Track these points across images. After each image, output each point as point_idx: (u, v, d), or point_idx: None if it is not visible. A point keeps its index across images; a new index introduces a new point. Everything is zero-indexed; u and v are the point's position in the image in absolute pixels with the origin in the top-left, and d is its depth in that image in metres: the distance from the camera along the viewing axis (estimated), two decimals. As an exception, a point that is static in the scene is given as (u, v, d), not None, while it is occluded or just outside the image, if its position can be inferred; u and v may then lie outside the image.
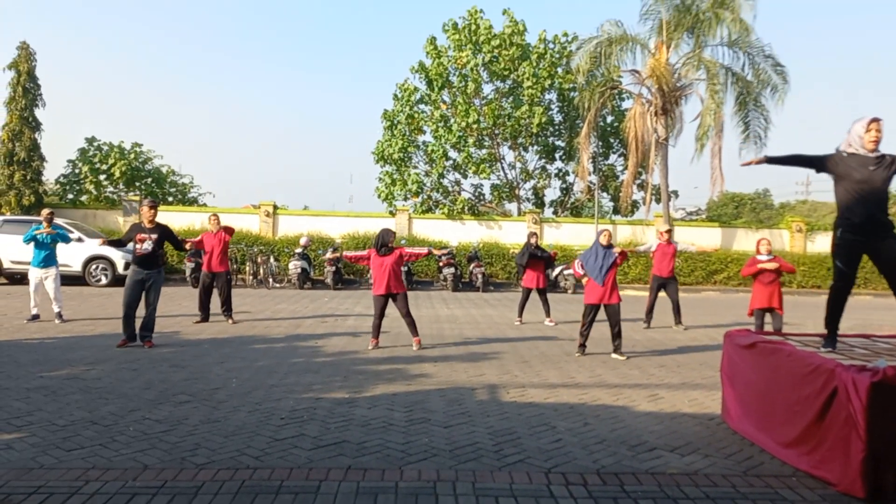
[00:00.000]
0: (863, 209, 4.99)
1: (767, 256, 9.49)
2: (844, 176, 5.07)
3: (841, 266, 5.16)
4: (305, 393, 6.37)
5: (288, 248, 20.76)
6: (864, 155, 5.02)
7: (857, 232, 5.04)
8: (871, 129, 5.01)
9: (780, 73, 22.46)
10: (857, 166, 5.01)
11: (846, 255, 5.13)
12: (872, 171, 4.96)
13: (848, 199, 5.07)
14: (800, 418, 4.63)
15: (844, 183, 5.08)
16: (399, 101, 26.86)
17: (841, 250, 5.15)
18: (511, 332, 11.01)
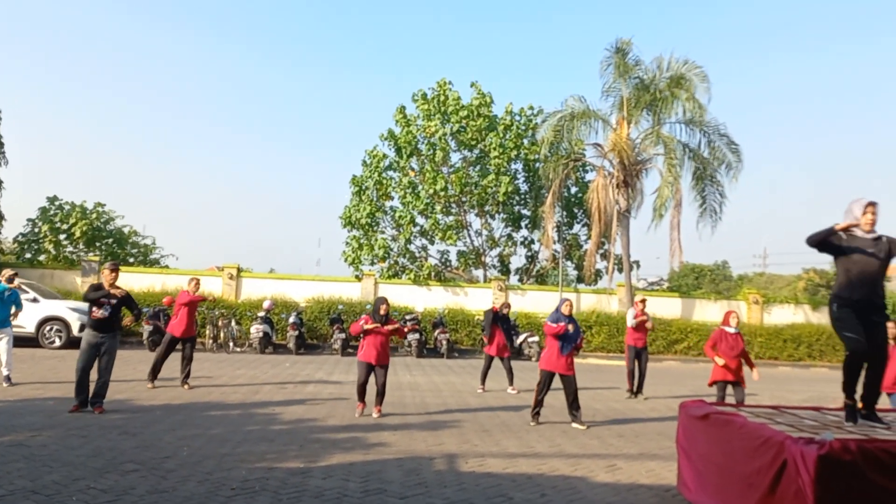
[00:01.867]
0: (860, 289, 5.19)
1: (735, 329, 9.63)
2: (844, 256, 5.29)
3: (851, 335, 5.23)
4: (259, 462, 6.23)
5: (250, 312, 20.52)
6: (862, 236, 5.26)
7: (854, 308, 5.22)
8: (867, 211, 5.28)
9: (734, 151, 23.37)
10: (857, 247, 5.23)
11: (851, 324, 5.23)
12: (871, 253, 5.19)
13: (846, 278, 5.27)
14: (753, 491, 4.66)
15: (844, 262, 5.29)
16: (368, 167, 27.19)
17: (844, 322, 5.27)
18: (473, 401, 10.95)
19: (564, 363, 8.78)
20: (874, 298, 5.22)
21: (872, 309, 5.23)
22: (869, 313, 5.22)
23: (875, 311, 5.25)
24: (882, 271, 5.26)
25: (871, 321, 5.24)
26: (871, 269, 5.19)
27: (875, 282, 5.21)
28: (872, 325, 5.25)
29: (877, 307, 5.25)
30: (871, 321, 5.24)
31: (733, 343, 9.47)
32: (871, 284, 5.19)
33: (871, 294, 5.21)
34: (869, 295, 5.20)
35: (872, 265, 5.19)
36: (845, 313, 5.26)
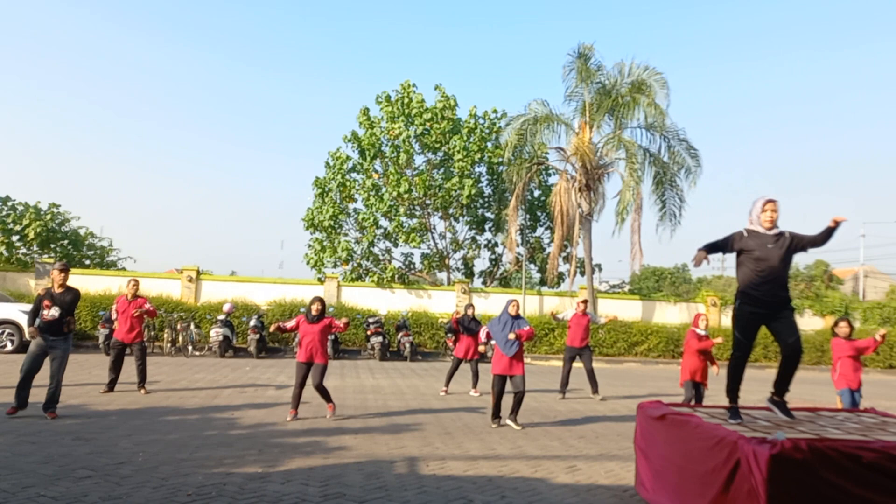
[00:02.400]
0: (762, 284, 5.32)
1: (704, 332, 9.83)
2: (745, 253, 5.42)
3: (739, 336, 5.48)
4: (216, 467, 6.14)
5: (210, 315, 20.20)
6: (763, 233, 5.39)
7: (756, 305, 5.36)
8: (766, 209, 5.41)
9: (693, 156, 23.81)
10: (758, 244, 5.36)
11: (744, 326, 5.46)
12: (770, 249, 5.32)
13: (749, 275, 5.41)
14: (708, 490, 4.74)
15: (745, 259, 5.44)
16: (331, 168, 27.02)
17: (740, 321, 5.48)
18: (436, 403, 10.95)
19: (511, 364, 8.83)
20: (779, 293, 5.35)
21: (779, 304, 5.37)
22: (777, 309, 5.36)
23: (782, 306, 5.38)
24: (784, 267, 5.38)
25: (780, 316, 5.37)
26: (773, 265, 5.31)
27: (778, 277, 5.34)
28: (783, 320, 5.38)
29: (783, 301, 5.39)
30: (781, 316, 5.37)
31: (703, 345, 9.68)
32: (774, 280, 5.32)
33: (775, 289, 5.34)
34: (774, 290, 5.33)
35: (774, 261, 5.31)
36: (744, 312, 5.41)
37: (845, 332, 8.87)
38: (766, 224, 5.40)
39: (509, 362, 8.84)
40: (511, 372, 8.85)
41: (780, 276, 5.37)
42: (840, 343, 8.88)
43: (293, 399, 8.93)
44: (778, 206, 5.42)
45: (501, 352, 8.88)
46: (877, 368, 23.44)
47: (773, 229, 5.42)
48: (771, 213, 5.40)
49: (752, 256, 5.39)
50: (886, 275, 50.05)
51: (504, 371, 8.86)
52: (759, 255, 5.35)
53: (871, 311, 27.30)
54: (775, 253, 5.32)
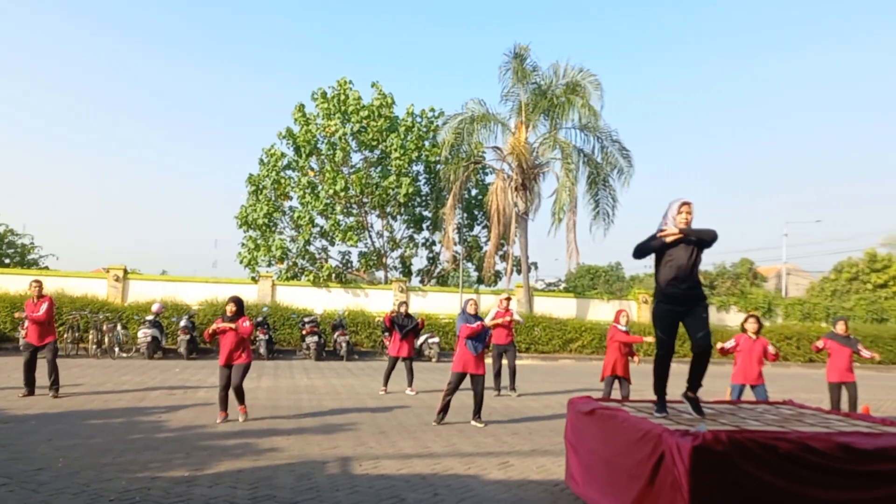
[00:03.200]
0: (677, 282, 5.49)
1: (625, 328, 10.06)
2: (661, 252, 5.59)
3: (661, 335, 5.64)
4: (141, 472, 5.95)
5: (138, 316, 19.56)
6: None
7: (672, 302, 5.53)
8: (682, 211, 5.58)
9: (626, 156, 24.40)
10: (673, 244, 5.52)
11: (665, 324, 5.63)
12: (682, 248, 5.50)
13: (665, 273, 5.58)
14: (635, 482, 4.84)
15: (663, 260, 5.60)
16: (265, 165, 26.56)
17: (660, 320, 5.65)
18: (371, 403, 10.89)
19: (476, 362, 8.87)
20: (693, 290, 5.55)
21: (695, 301, 5.57)
22: (693, 305, 5.56)
23: (697, 303, 5.58)
24: (695, 265, 5.57)
25: (693, 313, 5.57)
26: (688, 263, 5.50)
27: (693, 275, 5.54)
28: (696, 315, 5.58)
29: (697, 298, 5.59)
30: (694, 313, 5.57)
31: (624, 340, 9.91)
32: (689, 278, 5.52)
33: (691, 287, 5.53)
34: (690, 288, 5.53)
35: (689, 260, 5.50)
36: (661, 309, 5.61)
37: (753, 329, 9.25)
38: (681, 225, 5.57)
39: (473, 361, 8.86)
40: (473, 371, 8.87)
41: (692, 273, 5.56)
42: (746, 340, 9.27)
43: (220, 402, 8.72)
44: (692, 208, 5.60)
45: (465, 350, 8.87)
46: (797, 362, 24.48)
47: None
48: (686, 215, 5.57)
49: (666, 255, 5.56)
50: (807, 272, 52.39)
51: (467, 369, 8.86)
52: (673, 254, 5.52)
53: (792, 307, 28.47)
54: (686, 252, 5.51)
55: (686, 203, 5.58)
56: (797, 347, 24.78)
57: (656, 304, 5.65)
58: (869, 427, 5.23)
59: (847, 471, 4.42)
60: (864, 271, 35.40)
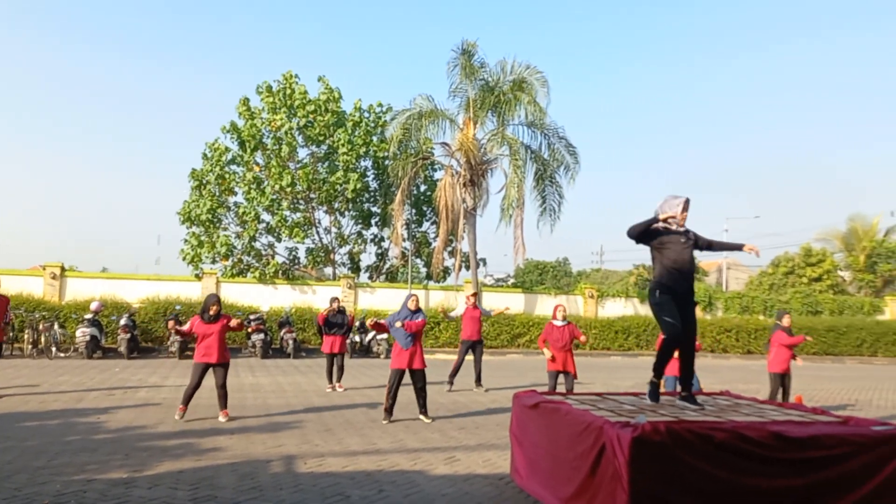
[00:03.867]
0: (677, 278, 5.64)
1: (562, 322, 10.18)
2: (662, 247, 5.70)
3: (670, 319, 5.69)
4: (77, 474, 5.77)
5: (77, 314, 18.98)
6: (675, 230, 5.72)
7: (673, 296, 5.67)
8: (687, 208, 5.76)
9: (572, 153, 24.72)
10: (672, 241, 5.67)
11: (670, 309, 5.70)
12: (683, 244, 5.65)
13: (666, 269, 5.71)
14: (577, 474, 4.92)
15: (662, 254, 5.71)
16: (209, 160, 26.00)
17: (664, 308, 5.73)
18: (317, 400, 10.79)
19: (411, 357, 8.85)
20: (688, 287, 5.73)
21: (686, 299, 5.74)
22: (685, 302, 5.72)
23: (688, 300, 5.76)
24: (692, 262, 5.81)
25: (686, 310, 5.74)
26: (685, 260, 5.69)
27: (689, 272, 5.73)
28: (687, 313, 5.76)
29: (689, 297, 5.78)
30: (686, 310, 5.74)
31: (560, 335, 10.03)
32: (685, 274, 5.70)
33: (686, 283, 5.71)
34: (685, 284, 5.70)
35: (686, 257, 5.69)
36: (665, 299, 5.72)
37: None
38: (683, 223, 5.72)
39: (409, 357, 8.83)
40: (411, 366, 8.84)
41: (690, 271, 5.73)
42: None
43: (185, 397, 8.56)
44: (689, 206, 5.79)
45: (400, 346, 8.85)
46: (736, 354, 25.23)
47: (682, 227, 5.76)
48: (686, 213, 5.75)
49: (668, 252, 5.68)
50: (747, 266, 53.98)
51: (403, 365, 8.83)
52: (675, 251, 5.67)
53: (732, 300, 29.29)
54: (687, 251, 5.67)
55: (688, 201, 5.75)
56: (736, 339, 25.53)
57: (658, 294, 5.74)
58: (801, 416, 5.43)
59: (780, 459, 4.57)
60: (799, 265, 36.63)
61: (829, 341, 26.07)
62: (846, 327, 26.60)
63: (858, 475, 4.66)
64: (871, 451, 4.71)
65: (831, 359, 25.46)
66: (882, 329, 26.94)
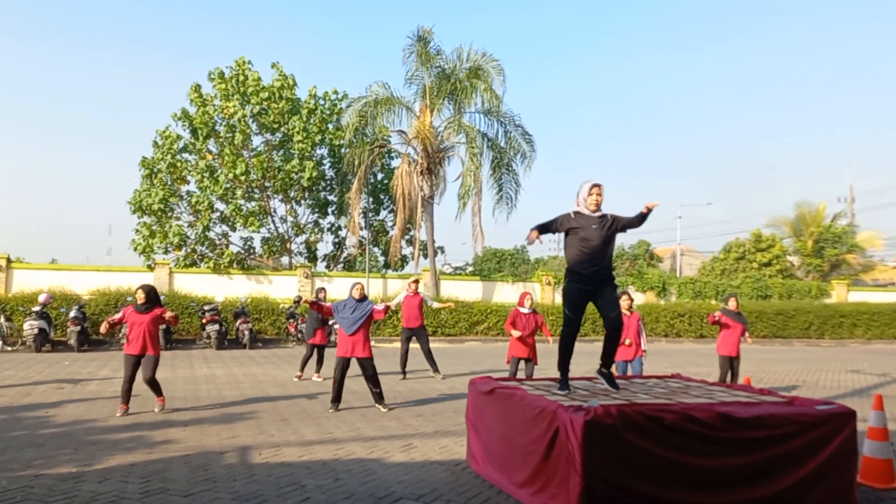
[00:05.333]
0: (588, 262, 5.66)
1: (528, 310, 10.22)
2: (573, 233, 5.74)
3: (569, 313, 5.79)
4: (23, 470, 5.62)
5: (24, 307, 18.43)
6: (589, 215, 5.73)
7: (583, 282, 5.70)
8: (592, 192, 5.77)
9: (528, 141, 24.84)
10: (584, 225, 5.70)
11: (573, 302, 5.78)
12: (595, 230, 5.67)
13: (575, 254, 5.74)
14: (531, 458, 4.97)
15: (573, 239, 5.76)
16: (160, 148, 25.38)
17: (569, 298, 5.79)
18: (273, 391, 10.69)
19: (355, 345, 8.76)
20: (603, 271, 5.77)
21: (604, 281, 5.80)
22: (602, 285, 5.78)
23: (607, 283, 5.81)
24: (607, 246, 5.78)
25: (604, 292, 5.80)
26: (597, 244, 5.70)
27: (603, 256, 5.75)
28: (607, 296, 5.82)
29: (607, 279, 5.83)
30: (605, 292, 5.80)
31: (526, 322, 10.08)
32: (599, 259, 5.73)
33: (600, 268, 5.75)
34: (599, 268, 5.74)
35: (598, 241, 5.70)
36: (572, 289, 5.79)
37: (626, 306, 9.72)
38: (591, 207, 5.74)
39: (352, 344, 8.77)
40: (359, 354, 8.77)
41: (603, 254, 5.75)
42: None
43: (123, 394, 8.30)
44: (602, 189, 5.78)
45: (345, 334, 8.78)
46: (689, 338, 25.77)
47: (597, 212, 5.77)
48: (596, 197, 5.75)
49: (578, 237, 5.72)
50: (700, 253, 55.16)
51: (347, 353, 8.77)
52: (584, 236, 5.69)
53: (685, 285, 29.88)
54: (599, 233, 5.69)
55: (596, 185, 5.76)
56: (689, 324, 26.06)
57: (567, 283, 5.79)
58: (748, 397, 5.57)
59: (727, 439, 4.69)
60: (750, 251, 37.45)
61: (778, 324, 26.80)
62: (794, 311, 27.36)
63: (803, 453, 4.82)
64: (815, 429, 4.87)
65: (780, 341, 26.18)
66: (828, 312, 27.78)
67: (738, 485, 4.67)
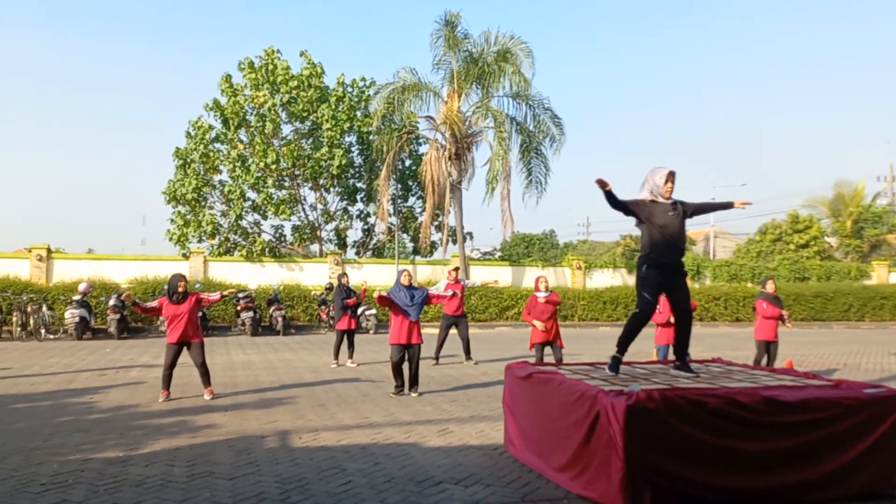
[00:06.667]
0: (664, 250, 5.63)
1: (545, 293, 10.22)
2: (648, 220, 5.69)
3: (647, 296, 5.73)
4: (72, 454, 5.77)
5: (65, 296, 18.86)
6: (663, 202, 5.69)
7: (661, 269, 5.67)
8: (669, 180, 5.71)
9: (557, 124, 24.63)
10: (660, 213, 5.65)
11: (652, 287, 5.72)
12: (671, 217, 5.63)
13: (654, 241, 5.70)
14: (570, 443, 4.97)
15: (649, 227, 5.70)
16: (192, 138, 25.71)
17: (647, 283, 5.73)
18: (309, 376, 10.82)
19: (412, 332, 8.85)
20: (678, 259, 5.75)
21: (676, 270, 5.77)
22: (674, 274, 5.75)
23: (679, 271, 5.79)
24: (682, 234, 5.77)
25: (676, 281, 5.77)
26: (673, 232, 5.66)
27: (677, 245, 5.72)
28: (678, 285, 5.79)
29: (679, 268, 5.80)
30: (676, 281, 5.77)
31: (543, 308, 10.06)
32: (674, 247, 5.70)
33: (675, 256, 5.72)
34: (674, 257, 5.71)
35: (674, 229, 5.66)
36: (651, 275, 5.73)
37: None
38: (667, 194, 5.69)
39: (409, 331, 8.84)
40: (414, 340, 8.86)
41: (679, 243, 5.71)
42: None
43: (164, 380, 8.49)
44: (675, 178, 5.74)
45: (404, 321, 8.83)
46: (725, 322, 25.48)
47: (669, 199, 5.72)
48: (671, 185, 5.71)
49: (656, 224, 5.65)
50: (734, 235, 54.32)
51: (403, 340, 8.82)
52: (663, 223, 5.63)
53: (719, 268, 29.51)
54: (675, 221, 5.65)
55: (672, 172, 5.71)
56: (724, 308, 25.77)
57: (646, 270, 5.74)
58: (793, 381, 5.49)
59: (773, 423, 4.64)
60: (787, 232, 36.82)
61: (816, 307, 26.38)
62: (833, 293, 26.90)
63: (849, 437, 4.75)
64: (862, 413, 4.80)
65: (819, 324, 25.79)
66: (868, 294, 27.27)
67: (782, 468, 4.62)
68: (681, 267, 5.82)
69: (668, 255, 5.68)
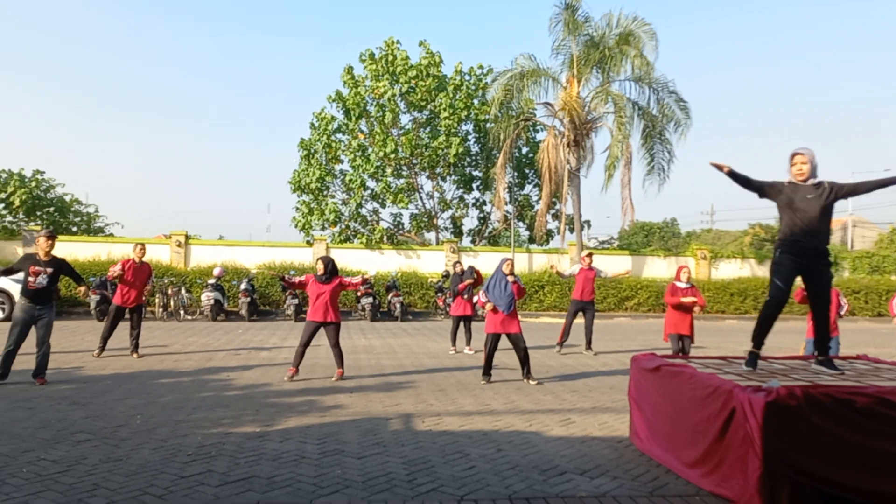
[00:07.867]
0: (802, 234, 5.27)
1: (686, 284, 9.86)
2: (785, 203, 5.36)
3: (779, 283, 5.39)
4: (214, 428, 6.17)
5: (200, 280, 20.14)
6: (801, 185, 5.31)
7: (796, 254, 5.32)
8: (795, 162, 5.34)
9: (683, 108, 23.65)
10: (797, 196, 5.29)
11: (785, 274, 5.38)
12: (810, 200, 5.24)
13: (789, 225, 5.35)
14: (702, 439, 4.80)
15: (786, 210, 5.37)
16: (316, 129, 26.69)
17: (780, 269, 5.41)
18: (428, 362, 11.01)
19: (506, 322, 8.83)
20: (818, 245, 5.32)
21: (816, 255, 5.36)
22: (814, 259, 5.35)
23: (819, 257, 5.38)
24: (824, 218, 5.30)
25: (815, 267, 5.38)
26: (812, 216, 5.25)
27: (817, 229, 5.29)
28: (817, 271, 5.40)
29: (820, 253, 5.38)
30: (816, 268, 5.38)
31: (685, 296, 9.72)
32: (813, 232, 5.27)
33: (814, 241, 5.30)
34: (813, 242, 5.29)
35: (813, 213, 5.24)
36: (785, 260, 5.38)
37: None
38: (797, 177, 5.33)
39: (504, 320, 8.85)
40: (507, 330, 8.86)
41: (819, 227, 5.28)
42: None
43: (296, 357, 8.91)
44: (808, 157, 5.31)
45: (500, 310, 8.87)
46: (865, 317, 23.76)
47: (808, 180, 5.32)
48: (800, 166, 5.31)
49: (791, 207, 5.33)
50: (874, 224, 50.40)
51: (497, 330, 8.87)
52: (799, 206, 5.26)
53: (860, 260, 27.53)
54: (815, 204, 5.24)
55: (797, 153, 5.34)
56: (865, 301, 24.02)
57: (779, 255, 5.45)
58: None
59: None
60: (935, 222, 33.88)
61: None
62: None
63: None
64: None
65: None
66: None
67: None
68: (822, 253, 5.39)
69: (804, 241, 5.29)
